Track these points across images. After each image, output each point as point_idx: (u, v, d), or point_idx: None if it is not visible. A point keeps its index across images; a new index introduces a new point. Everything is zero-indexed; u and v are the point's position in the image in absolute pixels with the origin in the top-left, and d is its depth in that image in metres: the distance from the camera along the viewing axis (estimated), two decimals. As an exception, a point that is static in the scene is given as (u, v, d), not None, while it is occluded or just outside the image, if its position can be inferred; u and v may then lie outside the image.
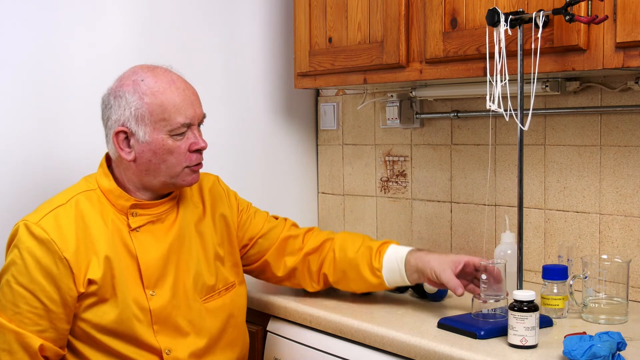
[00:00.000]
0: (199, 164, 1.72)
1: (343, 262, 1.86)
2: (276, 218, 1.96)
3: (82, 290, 1.61)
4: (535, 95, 1.70)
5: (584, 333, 1.46)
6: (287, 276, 1.91)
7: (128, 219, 1.68)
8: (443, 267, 1.73)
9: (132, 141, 1.66)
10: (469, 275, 1.75)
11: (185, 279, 1.73)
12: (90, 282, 1.62)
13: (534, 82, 1.67)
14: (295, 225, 1.97)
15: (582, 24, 1.60)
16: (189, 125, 1.68)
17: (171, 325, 1.68)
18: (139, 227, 1.69)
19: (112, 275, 1.64)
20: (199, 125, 1.72)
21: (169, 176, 1.69)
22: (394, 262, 1.81)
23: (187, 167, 1.70)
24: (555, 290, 1.72)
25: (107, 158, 1.75)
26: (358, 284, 1.86)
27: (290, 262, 1.90)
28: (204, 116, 1.73)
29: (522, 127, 1.68)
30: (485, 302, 1.65)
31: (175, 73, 1.71)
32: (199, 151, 1.71)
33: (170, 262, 1.71)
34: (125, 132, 1.66)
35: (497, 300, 1.65)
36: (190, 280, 1.73)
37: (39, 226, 1.61)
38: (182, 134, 1.67)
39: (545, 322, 1.64)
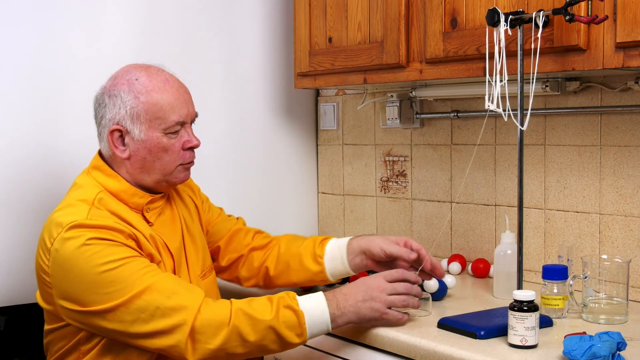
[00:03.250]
0: (192, 162, 1.75)
1: (287, 254, 1.90)
2: (229, 215, 2.03)
3: None
4: (535, 95, 1.70)
5: (584, 333, 1.46)
6: (228, 267, 1.96)
7: (144, 215, 1.70)
8: (389, 242, 1.80)
9: (126, 139, 1.67)
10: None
11: (190, 261, 1.77)
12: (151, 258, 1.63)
13: (533, 82, 1.67)
14: (245, 223, 2.03)
15: (582, 24, 1.60)
16: (182, 124, 1.70)
17: None
18: (155, 221, 1.72)
19: (159, 261, 1.66)
20: (191, 123, 1.74)
21: (163, 174, 1.70)
22: (335, 249, 1.85)
23: (180, 164, 1.72)
24: (555, 290, 1.72)
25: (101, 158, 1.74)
26: (299, 274, 1.87)
27: (235, 255, 1.95)
28: (196, 115, 1.75)
29: (521, 127, 1.68)
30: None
31: (168, 72, 1.73)
32: (192, 149, 1.73)
33: (183, 250, 1.76)
34: (120, 131, 1.67)
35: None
36: (194, 262, 1.78)
37: (91, 219, 1.57)
38: (176, 132, 1.69)
39: (545, 322, 1.64)
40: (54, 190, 2.13)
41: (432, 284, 1.85)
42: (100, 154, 1.74)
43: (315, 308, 1.58)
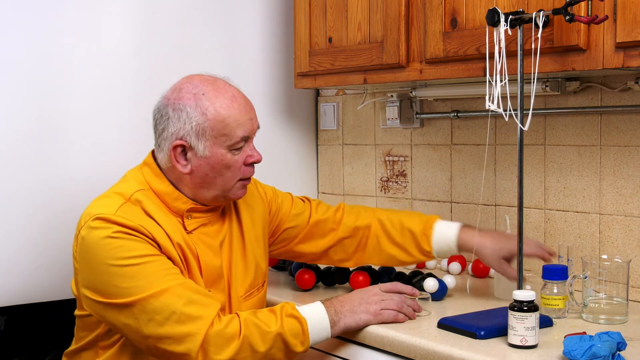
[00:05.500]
0: (250, 178, 1.74)
1: (390, 248, 1.92)
2: (302, 200, 2.00)
3: None
4: (535, 95, 1.70)
5: (584, 333, 1.46)
6: (320, 256, 1.97)
7: (183, 221, 1.69)
8: (495, 259, 1.83)
9: (189, 155, 1.65)
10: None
11: (234, 281, 1.75)
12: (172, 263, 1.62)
13: (534, 82, 1.67)
14: (320, 204, 2.00)
15: (582, 24, 1.60)
16: (247, 139, 1.68)
17: None
18: (194, 229, 1.70)
19: (187, 269, 1.65)
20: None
21: (223, 190, 1.69)
22: (444, 246, 1.89)
23: (240, 180, 1.70)
24: (555, 290, 1.72)
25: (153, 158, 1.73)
26: (407, 263, 1.97)
27: (323, 244, 1.95)
28: (258, 127, 1.74)
29: (522, 127, 1.68)
30: None
31: (235, 86, 1.71)
32: (253, 164, 1.72)
33: (222, 264, 1.73)
34: (183, 146, 1.65)
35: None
36: (239, 283, 1.76)
37: (119, 216, 1.57)
38: (240, 148, 1.67)
39: (545, 322, 1.64)
40: (53, 190, 2.13)
41: (432, 284, 1.85)
42: (153, 154, 1.73)
43: (315, 315, 1.62)
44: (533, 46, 1.66)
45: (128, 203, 1.61)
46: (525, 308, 1.49)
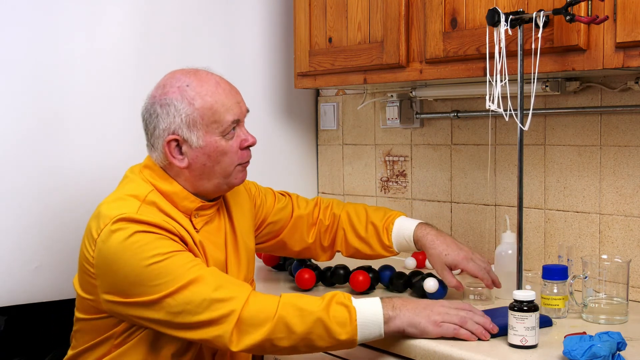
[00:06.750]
0: (248, 162, 1.74)
1: (354, 241, 1.96)
2: (282, 194, 2.02)
3: None
4: (535, 95, 1.70)
5: (584, 333, 1.46)
6: (302, 251, 2.01)
7: (191, 220, 1.69)
8: (441, 265, 1.84)
9: (184, 148, 1.65)
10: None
11: (235, 277, 1.76)
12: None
13: (534, 82, 1.67)
14: (299, 198, 2.03)
15: (582, 24, 1.60)
16: (237, 122, 1.69)
17: None
18: (201, 227, 1.71)
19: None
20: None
21: (223, 177, 1.69)
22: (403, 241, 1.91)
23: (239, 164, 1.71)
24: (555, 290, 1.72)
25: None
26: (370, 256, 1.98)
27: (306, 238, 1.99)
28: (248, 110, 1.74)
29: (522, 127, 1.68)
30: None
31: (217, 74, 1.71)
32: (248, 148, 1.72)
33: (224, 261, 1.75)
34: (176, 140, 1.65)
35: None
36: (234, 277, 1.76)
37: (141, 214, 1.57)
38: (233, 131, 1.68)
39: (545, 322, 1.64)
40: (54, 190, 2.13)
41: (432, 284, 1.85)
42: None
43: (368, 308, 1.55)
44: (533, 46, 1.66)
45: (144, 204, 1.61)
46: (525, 308, 1.49)
